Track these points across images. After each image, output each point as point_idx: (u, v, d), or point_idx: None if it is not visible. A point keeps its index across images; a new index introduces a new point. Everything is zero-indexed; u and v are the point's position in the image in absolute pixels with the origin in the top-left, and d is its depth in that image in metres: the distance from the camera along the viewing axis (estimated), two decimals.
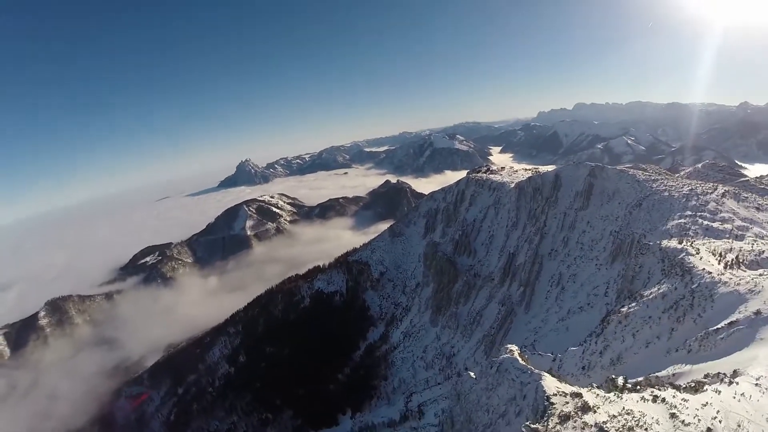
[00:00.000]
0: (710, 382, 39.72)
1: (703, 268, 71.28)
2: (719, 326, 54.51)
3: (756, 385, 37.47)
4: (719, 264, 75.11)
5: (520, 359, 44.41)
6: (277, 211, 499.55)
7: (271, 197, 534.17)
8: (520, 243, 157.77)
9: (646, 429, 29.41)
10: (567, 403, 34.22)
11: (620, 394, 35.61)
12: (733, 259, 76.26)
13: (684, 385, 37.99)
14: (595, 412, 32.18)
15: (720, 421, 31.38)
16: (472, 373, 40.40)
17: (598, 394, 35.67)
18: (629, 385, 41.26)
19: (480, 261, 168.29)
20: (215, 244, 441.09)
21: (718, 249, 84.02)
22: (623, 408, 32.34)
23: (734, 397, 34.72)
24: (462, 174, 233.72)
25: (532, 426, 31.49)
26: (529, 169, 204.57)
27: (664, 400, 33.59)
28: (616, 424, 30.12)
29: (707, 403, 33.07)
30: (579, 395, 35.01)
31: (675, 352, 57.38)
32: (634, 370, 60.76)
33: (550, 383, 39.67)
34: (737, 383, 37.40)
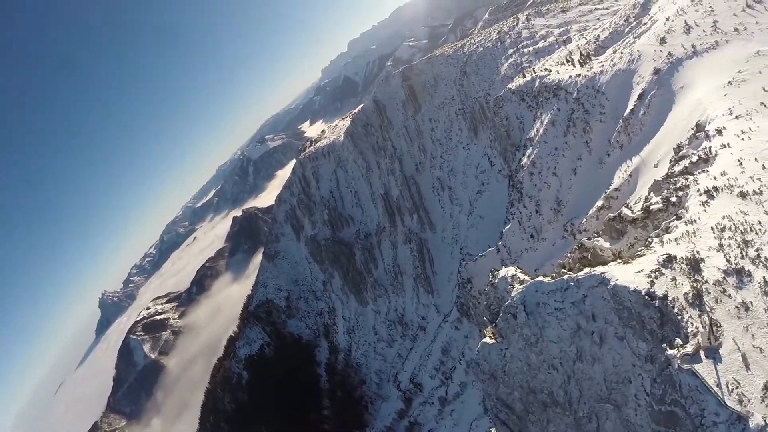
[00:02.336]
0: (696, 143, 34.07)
1: (569, 76, 67.37)
2: (631, 107, 49.80)
3: (741, 118, 32.43)
4: (576, 66, 72.03)
5: (520, 273, 32.02)
6: (162, 316, 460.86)
7: (147, 309, 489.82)
8: (383, 180, 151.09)
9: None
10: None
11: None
12: (579, 58, 73.46)
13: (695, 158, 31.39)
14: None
15: None
16: (488, 338, 29.06)
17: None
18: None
19: (361, 221, 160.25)
20: (134, 391, 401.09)
21: (559, 59, 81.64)
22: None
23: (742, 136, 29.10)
24: (292, 164, 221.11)
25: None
26: (345, 117, 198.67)
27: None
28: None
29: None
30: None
31: (607, 157, 52.35)
32: (583, 201, 55.44)
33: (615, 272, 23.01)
34: (719, 130, 31.92)
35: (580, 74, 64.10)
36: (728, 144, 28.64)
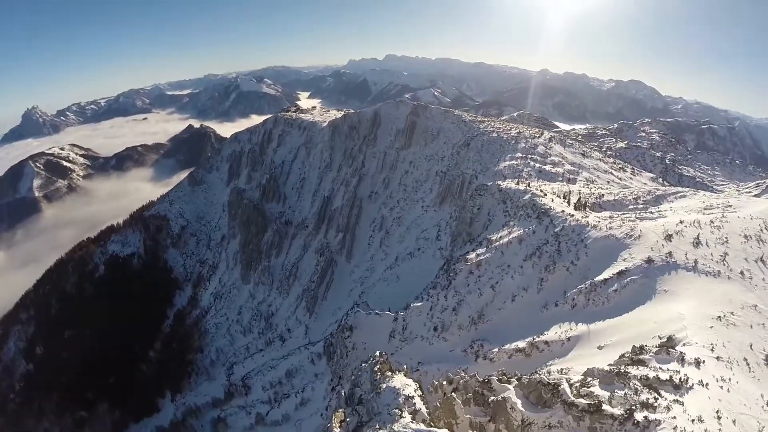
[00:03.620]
0: (653, 356, 29.75)
1: (562, 210, 63.91)
2: (606, 277, 46.03)
3: (723, 362, 28.50)
4: (569, 206, 69.12)
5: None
6: (69, 165, 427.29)
7: (62, 149, 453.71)
8: (335, 186, 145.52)
9: None
10: None
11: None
12: (576, 202, 70.79)
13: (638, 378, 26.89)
14: None
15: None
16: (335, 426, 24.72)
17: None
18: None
19: (291, 207, 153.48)
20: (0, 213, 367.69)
21: (557, 191, 79.01)
22: None
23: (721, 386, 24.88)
24: (267, 117, 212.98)
25: None
26: (341, 110, 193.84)
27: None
28: None
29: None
30: None
31: (554, 306, 48.18)
32: (506, 331, 50.84)
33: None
34: (698, 362, 27.85)
35: (573, 215, 60.74)
36: (706, 385, 24.37)
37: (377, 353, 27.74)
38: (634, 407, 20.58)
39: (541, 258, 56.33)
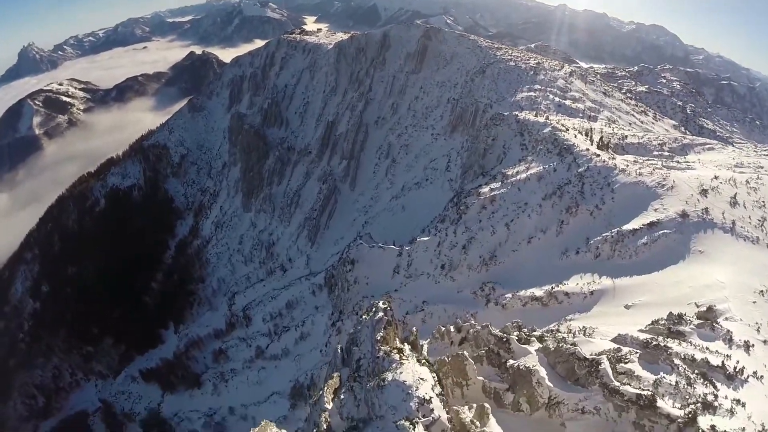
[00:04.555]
0: (686, 332, 26.19)
1: (587, 149, 59.15)
2: (635, 227, 42.09)
3: None
4: (592, 145, 64.25)
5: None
6: (68, 100, 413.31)
7: (60, 85, 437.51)
8: (340, 110, 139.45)
9: None
10: None
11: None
12: (599, 141, 65.79)
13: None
14: None
15: None
16: (327, 399, 21.27)
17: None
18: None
19: (294, 132, 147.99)
20: (0, 153, 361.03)
21: (578, 128, 73.75)
22: None
23: None
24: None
25: None
26: (347, 33, 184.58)
27: None
28: None
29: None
30: None
31: (575, 254, 44.62)
32: (520, 275, 47.57)
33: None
34: (747, 345, 24.30)
35: (599, 156, 56.13)
36: (761, 378, 20.91)
37: (380, 304, 24.17)
38: (696, 408, 16.92)
39: (562, 198, 52.35)
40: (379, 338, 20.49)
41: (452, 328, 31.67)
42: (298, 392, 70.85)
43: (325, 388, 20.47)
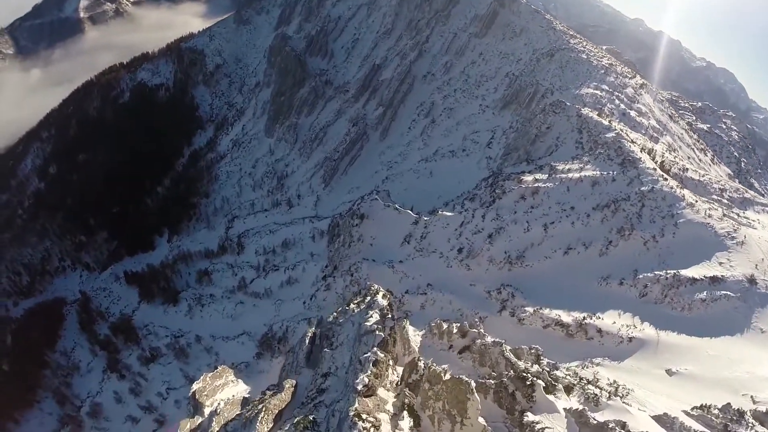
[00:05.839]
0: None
1: (654, 168, 52.39)
2: (695, 275, 36.02)
3: None
4: (660, 170, 57.19)
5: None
6: None
7: None
8: (390, 55, 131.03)
9: None
10: None
11: None
12: (660, 164, 58.74)
13: None
14: None
15: None
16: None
17: None
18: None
19: (336, 67, 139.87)
20: (41, 30, 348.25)
21: (639, 143, 66.52)
22: None
23: None
24: None
25: None
26: None
27: None
28: None
29: None
30: None
31: (618, 284, 38.58)
32: (547, 288, 41.65)
33: None
34: None
35: (666, 179, 49.42)
36: None
37: (379, 298, 19.74)
38: None
39: (616, 215, 46.07)
40: (360, 388, 16.29)
41: (455, 329, 26.99)
42: (267, 342, 66.09)
43: (264, 410, 16.09)
